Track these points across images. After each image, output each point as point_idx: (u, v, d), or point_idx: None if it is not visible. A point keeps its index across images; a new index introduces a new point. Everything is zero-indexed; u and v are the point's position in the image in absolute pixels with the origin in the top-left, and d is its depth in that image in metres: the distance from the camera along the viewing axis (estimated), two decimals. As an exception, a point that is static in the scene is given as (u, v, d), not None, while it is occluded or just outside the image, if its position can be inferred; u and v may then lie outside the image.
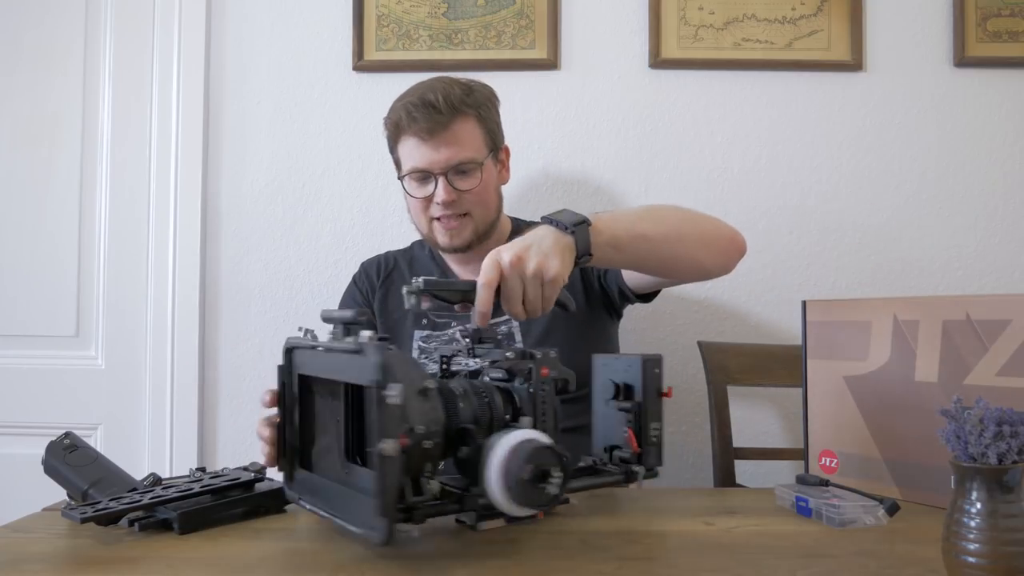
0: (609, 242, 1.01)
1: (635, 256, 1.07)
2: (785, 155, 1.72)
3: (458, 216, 1.29)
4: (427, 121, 1.25)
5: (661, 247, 1.08)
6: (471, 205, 1.30)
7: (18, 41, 1.80)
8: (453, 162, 1.27)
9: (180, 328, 1.74)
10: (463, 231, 1.30)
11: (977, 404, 0.69)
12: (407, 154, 1.30)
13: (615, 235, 1.02)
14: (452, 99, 1.26)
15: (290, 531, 0.90)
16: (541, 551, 0.80)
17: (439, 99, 1.25)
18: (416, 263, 1.44)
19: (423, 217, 1.32)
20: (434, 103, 1.25)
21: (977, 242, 1.70)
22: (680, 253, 1.11)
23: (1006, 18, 1.69)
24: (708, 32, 1.71)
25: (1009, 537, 0.65)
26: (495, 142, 1.34)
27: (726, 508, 0.97)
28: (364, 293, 1.43)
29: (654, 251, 1.08)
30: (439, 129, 1.26)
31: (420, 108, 1.25)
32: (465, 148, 1.28)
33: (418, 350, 1.32)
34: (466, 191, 1.28)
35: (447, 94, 1.25)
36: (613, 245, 1.02)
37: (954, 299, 1.00)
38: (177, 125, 1.76)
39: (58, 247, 1.79)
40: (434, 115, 1.25)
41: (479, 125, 1.30)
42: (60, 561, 0.80)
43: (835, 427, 1.09)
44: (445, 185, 1.27)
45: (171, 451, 1.73)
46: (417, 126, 1.26)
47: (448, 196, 1.27)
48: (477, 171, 1.29)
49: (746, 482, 1.57)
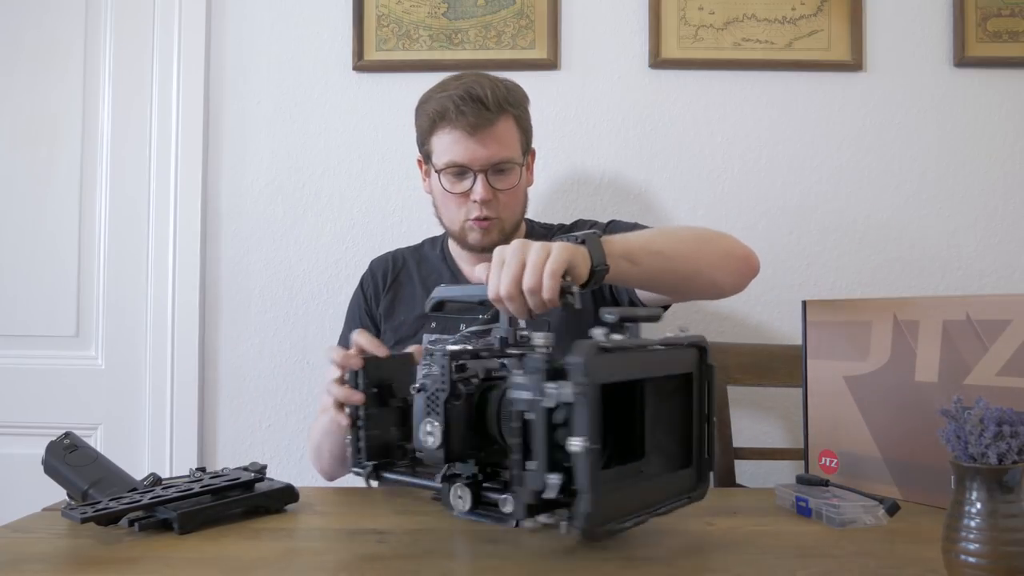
0: (624, 255, 1.00)
1: (651, 271, 1.05)
2: (785, 155, 1.72)
3: (491, 217, 1.28)
4: (475, 116, 1.23)
5: (677, 264, 1.07)
6: (504, 206, 1.29)
7: (18, 41, 1.80)
8: (495, 160, 1.26)
9: (180, 328, 1.74)
10: (492, 231, 1.29)
11: (977, 404, 0.69)
12: (445, 147, 1.27)
13: (629, 248, 1.01)
14: (499, 97, 1.25)
15: (290, 531, 0.90)
16: (541, 551, 0.80)
17: (488, 95, 1.23)
18: (426, 263, 1.42)
19: (457, 213, 1.30)
20: (483, 99, 1.23)
21: (977, 242, 1.70)
22: (695, 271, 1.09)
23: (1006, 18, 1.69)
24: (708, 32, 1.71)
25: (1009, 537, 0.65)
26: (528, 144, 1.34)
27: (726, 508, 0.97)
28: (368, 300, 1.41)
29: (670, 267, 1.07)
30: (485, 125, 1.24)
31: (468, 102, 1.23)
32: (506, 147, 1.27)
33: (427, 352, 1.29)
34: (503, 191, 1.27)
35: (494, 91, 1.24)
36: (628, 258, 1.00)
37: (954, 299, 1.00)
38: (177, 125, 1.76)
39: (58, 247, 1.79)
40: (482, 111, 1.23)
41: (517, 126, 1.30)
42: (60, 561, 0.80)
43: (835, 427, 1.09)
44: (484, 183, 1.26)
45: (171, 451, 1.73)
46: (464, 120, 1.24)
47: (487, 194, 1.26)
48: (515, 171, 1.29)
49: (746, 482, 1.56)
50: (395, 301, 1.39)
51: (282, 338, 1.74)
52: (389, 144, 1.74)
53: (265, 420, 1.74)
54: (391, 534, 0.87)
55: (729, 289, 1.15)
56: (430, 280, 1.37)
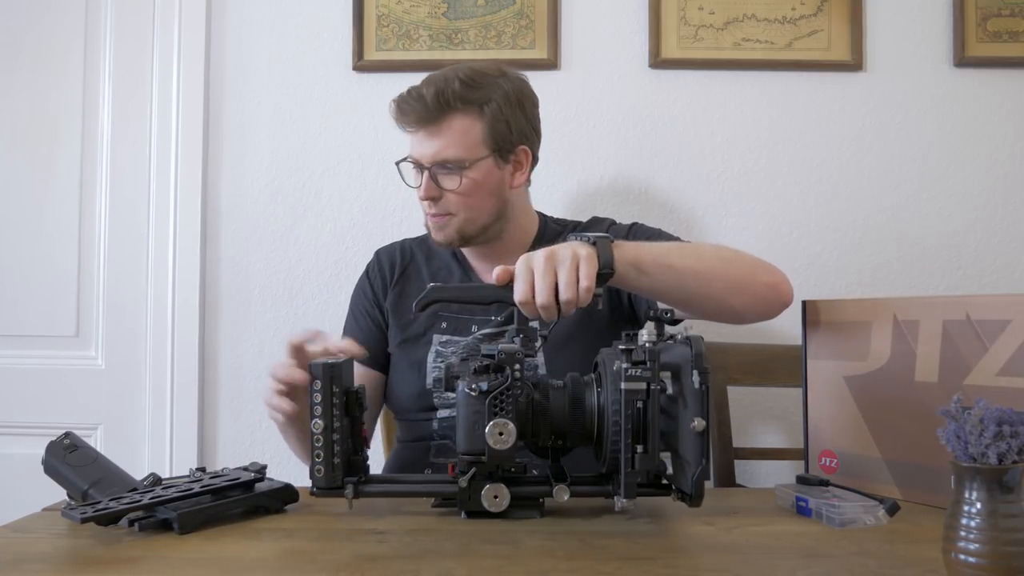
0: (632, 262, 1.00)
1: (660, 284, 1.05)
2: (785, 155, 1.72)
3: (440, 214, 1.26)
4: (416, 113, 1.22)
5: (688, 281, 1.05)
6: (454, 206, 1.24)
7: (18, 41, 1.80)
8: (438, 158, 1.22)
9: (180, 328, 1.74)
10: (446, 228, 1.26)
11: (977, 404, 0.69)
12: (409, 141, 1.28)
13: (639, 257, 1.01)
14: (446, 94, 1.20)
15: (290, 531, 0.90)
16: (541, 551, 0.81)
17: (430, 92, 1.20)
18: (435, 258, 1.38)
19: (421, 209, 1.30)
20: (423, 95, 1.20)
21: (977, 242, 1.70)
22: (707, 292, 1.07)
23: (1006, 18, 1.69)
24: (708, 32, 1.71)
25: (1009, 537, 0.65)
26: (500, 142, 1.25)
27: (726, 508, 0.97)
28: (376, 291, 1.37)
29: (680, 284, 1.05)
30: (428, 122, 1.21)
31: (410, 100, 1.22)
32: (452, 146, 1.22)
33: (435, 354, 1.28)
34: (448, 190, 1.23)
35: (442, 89, 1.21)
36: (636, 266, 1.01)
37: (954, 299, 1.00)
38: (177, 125, 1.76)
39: (58, 247, 1.79)
40: (420, 108, 1.21)
41: (479, 122, 1.22)
42: (60, 561, 0.80)
43: (835, 427, 1.09)
44: (428, 180, 1.23)
45: (171, 451, 1.73)
46: (405, 118, 1.23)
47: (428, 192, 1.24)
48: (459, 173, 1.22)
49: (746, 482, 1.57)
50: (402, 296, 1.35)
51: (282, 338, 1.71)
52: (389, 144, 1.74)
53: (265, 420, 1.74)
54: (391, 534, 0.87)
55: (750, 315, 1.11)
56: (439, 275, 1.34)
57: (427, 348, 1.28)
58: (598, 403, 0.91)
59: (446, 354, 1.27)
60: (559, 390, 0.93)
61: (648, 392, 0.87)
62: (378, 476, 0.99)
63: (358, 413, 0.96)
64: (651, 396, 0.87)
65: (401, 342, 1.31)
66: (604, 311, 1.27)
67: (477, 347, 1.26)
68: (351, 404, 0.94)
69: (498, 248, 1.31)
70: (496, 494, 0.90)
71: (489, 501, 0.90)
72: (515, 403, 0.89)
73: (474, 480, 0.91)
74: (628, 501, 0.88)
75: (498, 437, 0.88)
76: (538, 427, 0.92)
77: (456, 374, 0.93)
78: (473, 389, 0.89)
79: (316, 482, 0.93)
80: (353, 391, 0.94)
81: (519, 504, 0.92)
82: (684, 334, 0.88)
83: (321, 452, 0.92)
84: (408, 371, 1.28)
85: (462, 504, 0.92)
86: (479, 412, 0.89)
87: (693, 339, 0.86)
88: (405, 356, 1.30)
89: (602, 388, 0.91)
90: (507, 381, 0.89)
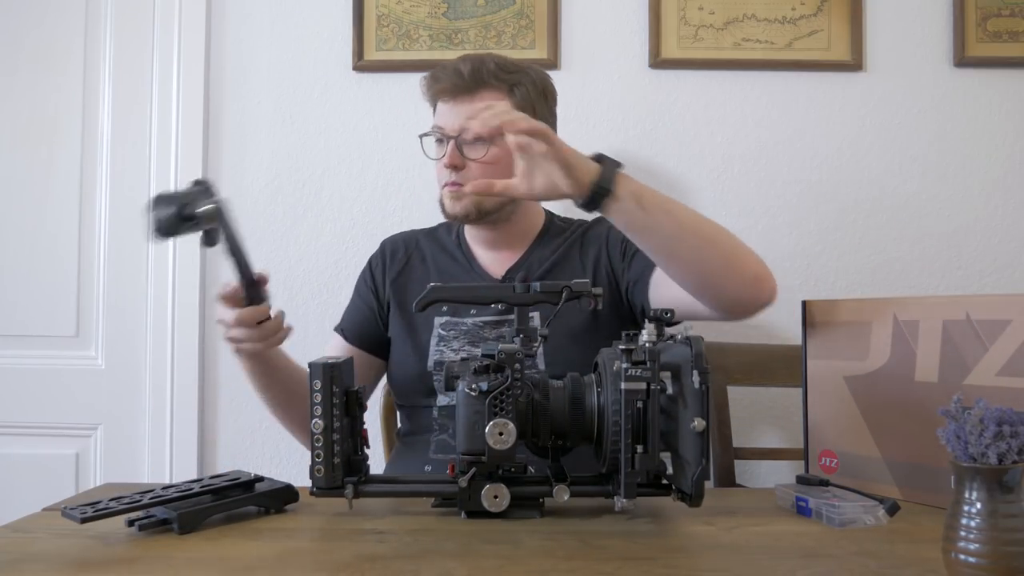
0: (634, 193, 0.99)
1: (656, 226, 1.02)
2: (785, 155, 1.72)
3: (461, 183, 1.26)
4: (450, 82, 1.26)
5: (685, 236, 1.03)
6: (474, 177, 1.25)
7: (18, 41, 1.80)
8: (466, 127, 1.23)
9: (180, 328, 1.74)
10: (463, 198, 1.27)
11: (977, 404, 0.69)
12: (436, 113, 1.31)
13: (641, 192, 1.00)
14: (482, 71, 1.25)
15: (290, 531, 0.90)
16: (541, 551, 0.81)
17: (466, 67, 1.25)
18: (440, 248, 1.40)
19: (437, 182, 1.31)
20: (459, 69, 1.26)
21: (977, 242, 1.70)
22: (701, 256, 1.04)
23: (1006, 18, 1.69)
24: (708, 32, 1.71)
25: (1009, 537, 0.65)
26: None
27: (726, 508, 0.97)
28: (376, 278, 1.39)
29: (676, 234, 1.03)
30: (462, 93, 1.25)
31: (448, 71, 1.26)
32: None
33: (437, 337, 1.29)
34: (472, 160, 1.26)
35: (477, 66, 1.25)
36: (637, 199, 0.99)
37: (954, 299, 1.00)
38: (177, 125, 1.76)
39: (58, 247, 1.79)
40: (456, 78, 1.25)
41: (508, 100, 1.26)
42: (60, 561, 0.80)
43: (835, 427, 1.09)
44: (453, 148, 1.26)
45: (171, 451, 1.73)
46: (439, 86, 1.27)
47: (452, 160, 1.25)
48: (485, 144, 1.25)
49: (746, 482, 1.57)
50: (407, 284, 1.36)
51: (282, 338, 1.74)
52: (389, 144, 1.74)
53: (265, 420, 1.74)
54: (391, 534, 0.87)
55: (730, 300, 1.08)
56: (443, 264, 1.36)
57: (429, 331, 1.30)
58: (598, 403, 0.91)
59: (447, 337, 1.28)
60: (559, 390, 0.93)
61: (648, 392, 0.87)
62: (378, 476, 0.99)
63: (358, 413, 0.96)
64: (651, 396, 0.87)
65: (403, 326, 1.32)
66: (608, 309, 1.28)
67: (478, 333, 1.27)
68: (351, 404, 0.94)
69: (504, 235, 1.33)
70: (496, 494, 0.90)
71: (489, 501, 0.90)
72: (515, 403, 0.89)
73: (474, 480, 0.91)
74: (628, 501, 0.88)
75: (498, 437, 0.88)
76: (538, 427, 0.92)
77: (456, 374, 0.93)
78: (473, 389, 0.89)
79: (316, 482, 0.93)
80: (353, 391, 0.94)
81: (519, 504, 0.92)
82: (684, 334, 0.88)
83: (321, 452, 0.92)
84: (410, 354, 1.30)
85: (462, 504, 0.92)
86: (479, 412, 0.89)
87: (693, 339, 0.86)
88: (407, 340, 1.31)
89: (602, 388, 0.91)
90: (507, 381, 0.89)
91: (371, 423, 1.12)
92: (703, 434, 0.84)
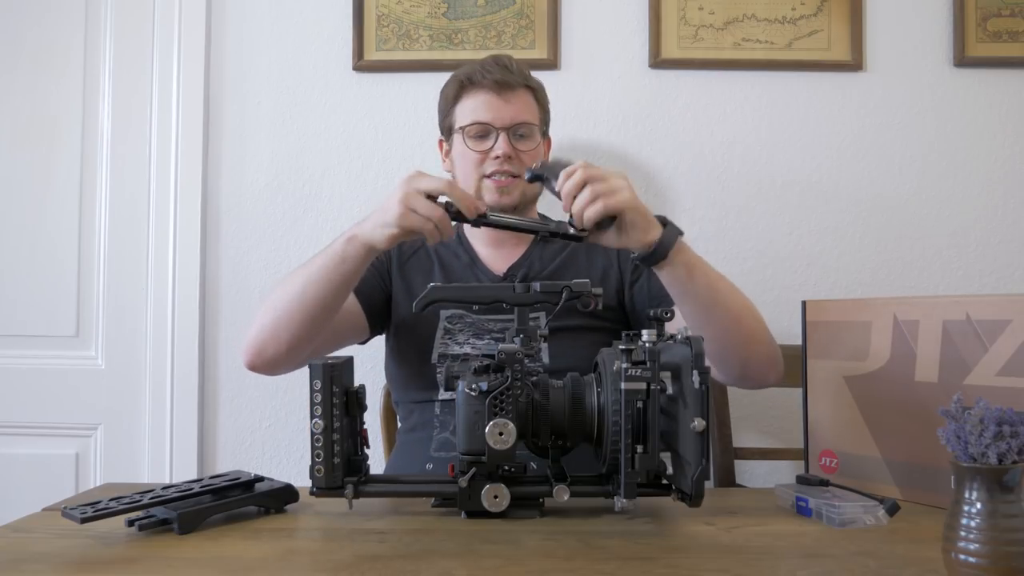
0: (687, 263, 1.06)
1: (695, 296, 1.08)
2: (785, 155, 1.72)
3: (511, 175, 1.32)
4: (501, 76, 1.32)
5: (717, 310, 1.09)
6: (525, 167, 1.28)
7: (18, 41, 1.80)
8: (518, 119, 1.32)
9: (180, 328, 1.74)
10: (513, 190, 1.32)
11: (977, 404, 0.69)
12: (470, 110, 1.33)
13: (694, 263, 1.07)
14: (522, 68, 1.35)
15: (290, 531, 0.90)
16: (541, 551, 0.81)
17: (512, 63, 1.34)
18: (443, 245, 1.39)
19: (474, 173, 1.33)
20: (508, 65, 1.33)
21: (977, 242, 1.70)
22: (728, 331, 1.11)
23: (1006, 18, 1.69)
24: (708, 32, 1.71)
25: (1009, 537, 0.65)
26: (544, 124, 1.41)
27: (726, 508, 0.97)
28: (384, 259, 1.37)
29: (710, 308, 1.09)
30: (511, 87, 1.32)
31: (495, 66, 1.32)
32: (527, 111, 1.35)
33: (443, 330, 1.29)
34: (524, 151, 1.32)
35: (518, 63, 1.35)
36: (688, 269, 1.06)
37: (954, 299, 1.00)
38: (177, 125, 1.76)
39: (58, 247, 1.79)
40: (508, 73, 1.32)
41: (537, 102, 1.38)
42: (60, 561, 0.80)
43: (835, 427, 1.09)
44: (506, 139, 1.31)
45: (171, 451, 1.73)
46: (491, 79, 1.32)
47: (508, 149, 1.31)
48: (535, 136, 1.35)
49: (746, 482, 1.57)
50: (413, 272, 1.36)
51: (282, 338, 1.74)
52: (389, 144, 1.74)
53: (265, 420, 1.74)
54: (391, 534, 0.87)
55: (739, 374, 1.17)
56: (446, 258, 1.37)
57: (434, 324, 1.30)
58: (598, 403, 0.91)
59: (453, 330, 1.29)
60: (559, 390, 0.93)
61: (648, 392, 0.87)
62: (378, 476, 0.99)
63: (358, 413, 0.96)
64: (651, 396, 0.87)
65: (406, 316, 1.32)
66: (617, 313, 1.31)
67: (484, 325, 1.28)
68: (351, 404, 0.94)
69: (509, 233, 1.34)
70: (496, 494, 0.90)
71: (489, 501, 0.90)
72: (515, 403, 0.89)
73: (474, 480, 0.91)
74: (628, 501, 0.88)
75: (498, 437, 0.88)
76: (538, 427, 0.92)
77: (456, 374, 0.93)
78: (473, 389, 0.89)
79: (316, 482, 0.93)
80: (353, 391, 0.94)
81: (519, 504, 0.92)
82: (684, 334, 0.88)
83: (321, 452, 0.92)
84: (413, 346, 1.30)
85: (462, 504, 0.92)
86: (479, 412, 0.89)
87: (693, 339, 0.86)
88: (411, 332, 1.31)
89: (602, 388, 0.91)
90: (507, 381, 0.89)
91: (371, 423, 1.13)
92: (703, 434, 0.84)
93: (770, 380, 1.19)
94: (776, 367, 1.18)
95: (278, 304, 1.18)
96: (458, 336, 1.28)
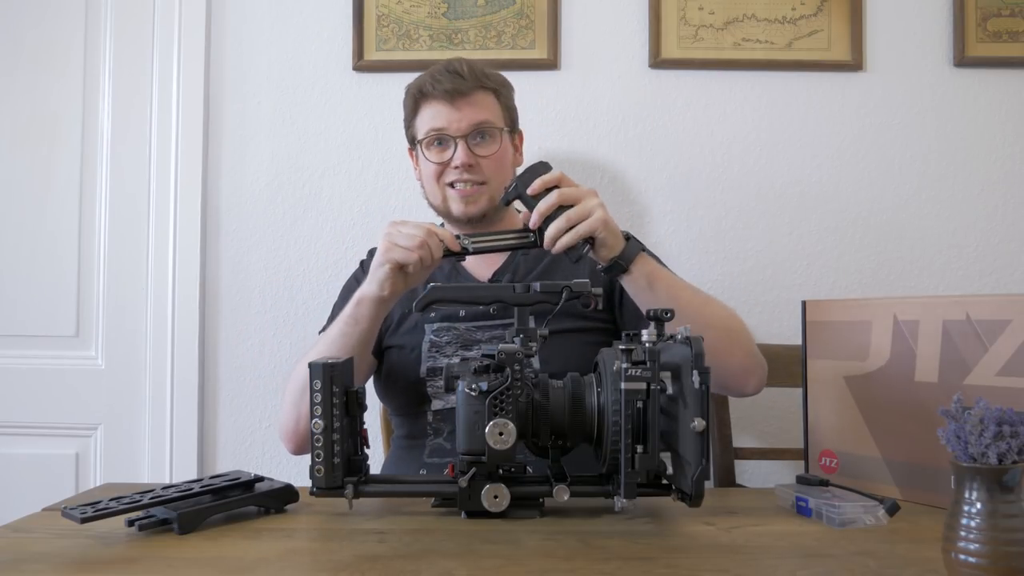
0: (648, 274, 1.12)
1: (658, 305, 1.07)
2: (785, 155, 1.72)
3: (475, 183, 1.29)
4: (451, 83, 1.28)
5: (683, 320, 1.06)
6: (489, 172, 1.29)
7: (18, 41, 1.80)
8: (474, 122, 1.28)
9: (180, 328, 1.74)
10: (479, 198, 1.29)
11: (977, 404, 0.69)
12: (427, 120, 1.31)
13: (655, 274, 1.12)
14: (476, 71, 1.30)
15: (290, 531, 0.90)
16: (541, 551, 0.81)
17: (464, 68, 1.29)
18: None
19: (437, 185, 1.31)
20: (459, 71, 1.29)
21: (977, 242, 1.70)
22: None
23: (1006, 18, 1.69)
24: (708, 32, 1.71)
25: (1009, 537, 0.65)
26: (512, 121, 1.37)
27: (726, 508, 0.97)
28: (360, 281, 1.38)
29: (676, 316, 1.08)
30: (463, 92, 1.28)
31: (445, 74, 1.29)
32: (485, 111, 1.30)
33: (429, 343, 1.29)
34: (484, 156, 1.29)
35: (471, 66, 1.30)
36: (649, 280, 1.12)
37: (954, 299, 1.00)
38: (177, 125, 1.76)
39: (58, 247, 1.79)
40: (457, 80, 1.28)
41: (498, 101, 1.33)
42: (60, 561, 0.80)
43: (835, 427, 1.09)
44: (464, 148, 1.28)
45: (171, 451, 1.73)
46: (441, 88, 1.28)
47: (466, 159, 1.27)
48: (497, 136, 1.31)
49: (746, 482, 1.57)
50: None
51: (282, 338, 1.74)
52: (389, 144, 1.74)
53: (265, 420, 1.74)
54: (391, 534, 0.87)
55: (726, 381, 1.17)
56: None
57: (420, 336, 1.29)
58: (598, 403, 0.91)
59: (440, 343, 1.28)
60: (559, 390, 0.93)
61: (648, 392, 0.87)
62: (378, 476, 0.99)
63: (358, 413, 0.96)
64: (651, 396, 0.87)
65: (394, 333, 1.31)
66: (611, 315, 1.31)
67: (471, 336, 1.27)
68: (351, 404, 0.94)
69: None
70: (496, 494, 0.90)
71: (489, 501, 0.90)
72: (515, 403, 0.89)
73: (474, 480, 0.91)
74: (628, 501, 0.88)
75: (498, 437, 0.88)
76: (538, 427, 0.92)
77: (456, 374, 0.93)
78: (473, 389, 0.89)
79: (316, 482, 0.93)
80: (353, 391, 0.94)
81: (519, 504, 0.92)
82: (684, 334, 0.88)
83: (321, 452, 0.92)
84: (402, 362, 1.29)
85: (462, 504, 0.92)
86: (479, 412, 0.89)
87: (693, 339, 0.86)
88: (399, 347, 1.30)
89: (602, 388, 0.91)
90: (507, 381, 0.89)
91: (371, 423, 1.13)
92: (703, 434, 0.84)
93: (748, 390, 1.20)
94: (752, 378, 1.19)
95: (305, 382, 1.21)
96: (446, 349, 1.27)
